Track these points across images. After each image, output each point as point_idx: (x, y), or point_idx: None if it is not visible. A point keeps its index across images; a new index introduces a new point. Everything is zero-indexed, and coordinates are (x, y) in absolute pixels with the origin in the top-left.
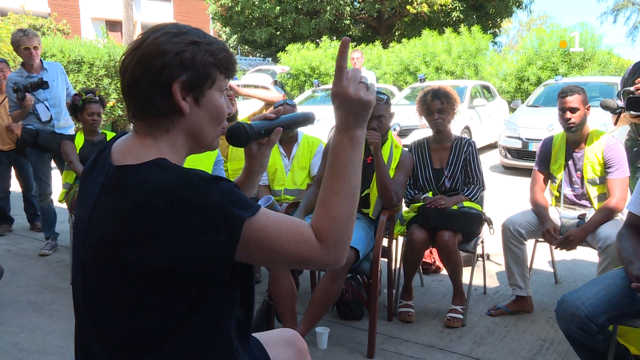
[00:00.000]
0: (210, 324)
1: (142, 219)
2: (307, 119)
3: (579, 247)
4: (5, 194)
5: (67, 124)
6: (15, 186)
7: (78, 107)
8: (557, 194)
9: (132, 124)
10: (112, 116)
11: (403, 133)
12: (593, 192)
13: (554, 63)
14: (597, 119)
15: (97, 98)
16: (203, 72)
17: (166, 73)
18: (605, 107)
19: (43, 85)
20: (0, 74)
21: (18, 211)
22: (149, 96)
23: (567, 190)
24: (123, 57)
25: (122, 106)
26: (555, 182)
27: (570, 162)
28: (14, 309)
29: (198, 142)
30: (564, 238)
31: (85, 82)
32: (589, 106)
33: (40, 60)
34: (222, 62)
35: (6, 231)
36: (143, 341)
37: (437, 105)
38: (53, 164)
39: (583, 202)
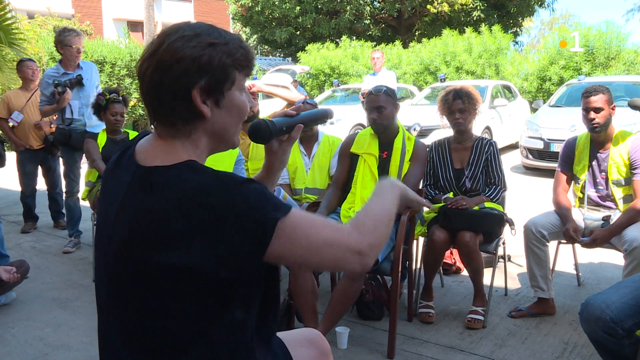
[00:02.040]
0: (234, 326)
1: (173, 221)
2: (326, 115)
3: (602, 249)
4: (32, 192)
5: (97, 122)
6: (39, 184)
7: (102, 106)
8: (581, 195)
9: (152, 126)
10: (134, 115)
11: (423, 133)
12: (618, 193)
13: (576, 62)
14: (624, 119)
15: (121, 98)
16: (221, 75)
17: (185, 80)
18: (633, 106)
19: (80, 83)
20: (30, 71)
21: (43, 209)
22: (168, 103)
23: (591, 192)
24: (140, 63)
25: (143, 105)
26: (578, 183)
27: (594, 163)
28: (39, 304)
29: (222, 141)
30: (591, 239)
31: (107, 81)
32: (614, 106)
33: None
34: (240, 61)
35: (31, 228)
36: (167, 342)
37: (458, 105)
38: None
39: (608, 203)
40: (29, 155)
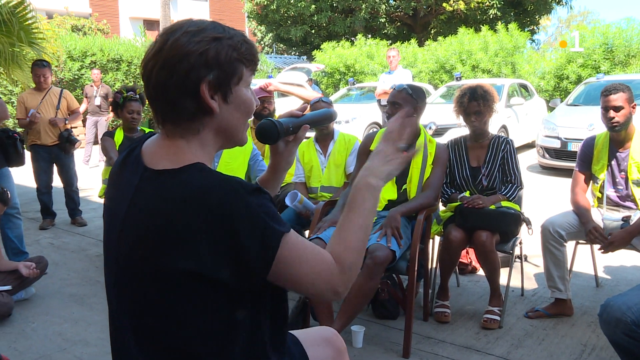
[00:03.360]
0: (246, 327)
1: (182, 223)
2: (331, 116)
3: (622, 250)
4: (48, 189)
5: None
6: (56, 182)
7: (119, 104)
8: (600, 195)
9: (160, 127)
10: (149, 113)
11: (439, 132)
12: (638, 193)
13: (595, 60)
14: None
15: (138, 96)
16: (229, 69)
17: (193, 75)
18: None
19: None
20: (37, 78)
21: (60, 206)
22: (177, 100)
23: (610, 191)
24: (144, 63)
25: None
26: (597, 183)
27: (613, 162)
28: (57, 300)
29: (228, 138)
30: (608, 241)
31: (123, 80)
32: (635, 104)
33: None
34: (246, 55)
35: (49, 225)
36: (177, 343)
37: (474, 108)
38: None
39: (627, 203)
40: (42, 151)
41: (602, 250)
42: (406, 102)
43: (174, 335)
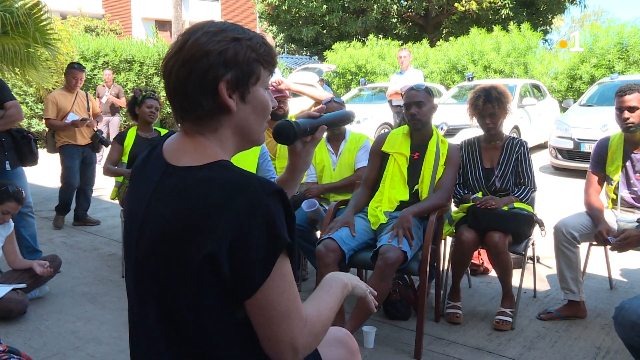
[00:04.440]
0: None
1: (201, 216)
2: (348, 118)
3: (636, 252)
4: (74, 187)
5: None
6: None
7: (137, 100)
8: (614, 197)
9: (179, 125)
10: (161, 113)
11: (451, 132)
12: None
13: (609, 60)
14: None
15: (155, 95)
16: (247, 69)
17: (211, 73)
18: None
19: None
20: (73, 80)
21: (74, 205)
22: (195, 97)
23: (624, 193)
24: (166, 61)
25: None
26: (611, 184)
27: (628, 164)
28: (70, 298)
29: (246, 138)
30: (622, 237)
31: (135, 80)
32: None
33: None
34: (264, 56)
35: (62, 223)
36: (199, 337)
37: (489, 110)
38: None
39: None
40: (75, 151)
41: (614, 249)
42: (428, 100)
43: (196, 327)
